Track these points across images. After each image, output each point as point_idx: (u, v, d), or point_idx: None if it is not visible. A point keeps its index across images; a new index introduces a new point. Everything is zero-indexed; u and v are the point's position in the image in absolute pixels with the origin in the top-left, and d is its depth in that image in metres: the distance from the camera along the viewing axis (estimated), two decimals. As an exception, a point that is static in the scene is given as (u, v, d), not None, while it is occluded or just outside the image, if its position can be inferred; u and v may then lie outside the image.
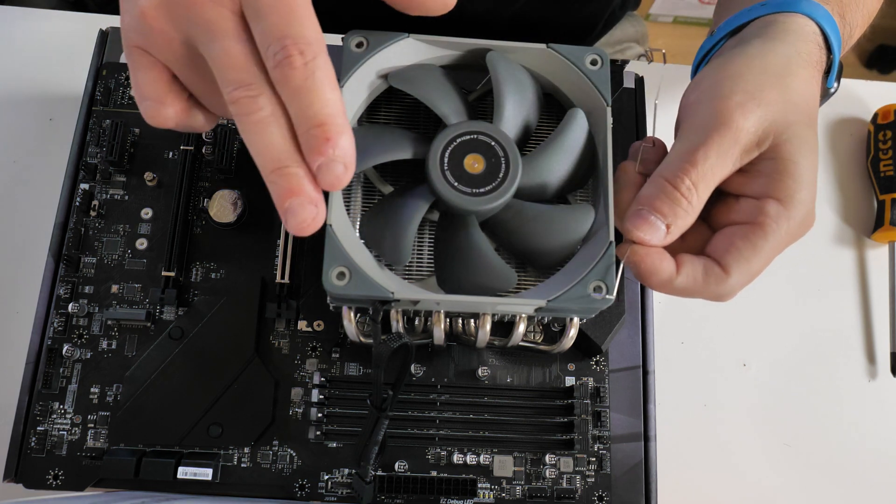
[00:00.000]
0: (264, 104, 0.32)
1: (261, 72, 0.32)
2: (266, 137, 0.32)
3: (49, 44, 0.57)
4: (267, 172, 0.32)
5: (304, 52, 0.31)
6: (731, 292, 0.38)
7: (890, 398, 0.53)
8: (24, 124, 0.55)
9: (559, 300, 0.38)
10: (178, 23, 0.33)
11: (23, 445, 0.42)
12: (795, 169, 0.37)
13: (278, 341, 0.45)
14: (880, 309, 0.55)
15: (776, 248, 0.38)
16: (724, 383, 0.53)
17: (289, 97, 0.32)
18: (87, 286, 0.45)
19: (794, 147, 0.37)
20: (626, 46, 0.80)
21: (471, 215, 0.40)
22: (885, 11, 0.54)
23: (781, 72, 0.38)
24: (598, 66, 0.42)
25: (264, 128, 0.32)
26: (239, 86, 0.32)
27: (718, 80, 0.38)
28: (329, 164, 0.32)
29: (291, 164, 0.32)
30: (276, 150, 0.32)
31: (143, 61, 0.35)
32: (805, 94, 0.39)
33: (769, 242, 0.37)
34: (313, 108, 0.31)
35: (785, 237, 0.37)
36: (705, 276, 0.37)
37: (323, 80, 0.32)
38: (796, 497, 0.51)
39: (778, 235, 0.37)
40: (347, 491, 0.43)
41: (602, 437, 0.44)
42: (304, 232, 0.32)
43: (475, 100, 0.44)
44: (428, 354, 0.45)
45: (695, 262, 0.38)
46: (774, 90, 0.38)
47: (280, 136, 0.32)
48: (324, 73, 0.32)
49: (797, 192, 0.37)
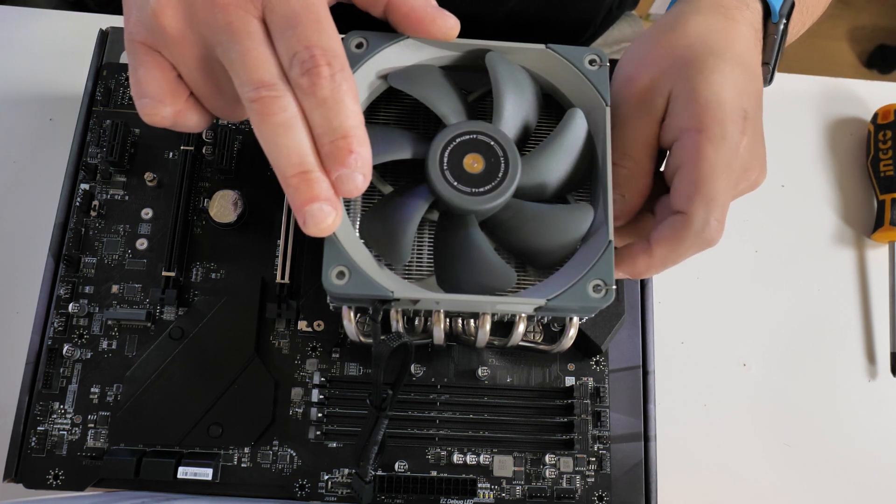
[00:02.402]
0: (287, 105, 0.32)
1: (282, 76, 0.33)
2: (288, 140, 0.32)
3: (49, 44, 0.57)
4: (287, 175, 0.33)
5: (331, 64, 0.32)
6: (707, 230, 0.37)
7: (890, 398, 0.53)
8: (24, 124, 0.55)
9: (559, 299, 0.38)
10: (197, 24, 0.34)
11: (23, 445, 0.42)
12: (696, 96, 0.38)
13: (278, 341, 0.45)
14: (880, 309, 0.55)
15: (714, 167, 0.37)
16: (724, 383, 0.53)
17: (313, 106, 0.32)
18: (88, 286, 0.45)
19: (693, 81, 0.38)
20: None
21: (470, 215, 0.40)
22: (886, 11, 0.54)
23: (671, 22, 0.41)
24: (597, 66, 0.42)
25: (287, 130, 0.32)
26: (261, 86, 0.32)
27: (627, 51, 0.43)
28: (350, 174, 0.33)
29: (313, 169, 0.32)
30: (298, 153, 0.32)
31: (147, 59, 0.35)
32: (701, 33, 0.40)
33: (703, 164, 0.37)
34: (339, 119, 0.32)
35: (717, 153, 0.37)
36: (671, 231, 0.38)
37: (348, 92, 0.33)
38: (796, 497, 0.51)
39: (706, 154, 0.37)
40: (347, 491, 0.43)
41: (602, 437, 0.44)
42: (323, 234, 0.33)
43: (475, 100, 0.44)
44: (428, 354, 0.45)
45: (659, 227, 0.38)
46: (662, 42, 0.40)
47: (302, 140, 0.32)
48: (349, 85, 0.33)
49: (706, 112, 0.37)
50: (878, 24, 1.63)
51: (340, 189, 0.33)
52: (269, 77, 0.32)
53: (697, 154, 0.37)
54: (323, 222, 0.33)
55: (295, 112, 0.32)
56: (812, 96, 0.61)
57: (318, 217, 0.33)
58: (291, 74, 0.32)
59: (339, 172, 0.33)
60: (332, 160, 0.33)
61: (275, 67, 0.33)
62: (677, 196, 0.38)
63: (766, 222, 0.57)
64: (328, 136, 0.32)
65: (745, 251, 0.56)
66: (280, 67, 0.33)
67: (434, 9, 0.37)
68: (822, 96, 0.61)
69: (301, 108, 0.33)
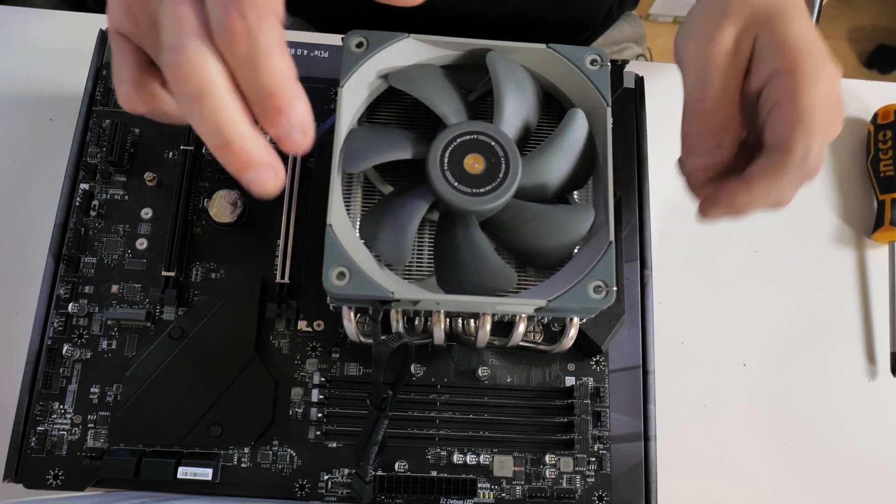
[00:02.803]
0: (198, 70, 0.29)
1: (205, 39, 0.30)
2: (202, 109, 0.30)
3: (49, 44, 0.57)
4: (212, 148, 0.31)
5: (246, 16, 0.29)
6: (809, 160, 0.37)
7: (890, 398, 0.53)
8: (24, 124, 0.55)
9: (559, 300, 0.38)
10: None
11: (23, 445, 0.42)
12: (786, 40, 0.38)
13: (278, 341, 0.45)
14: (880, 309, 0.55)
15: (813, 101, 0.37)
16: (724, 383, 0.53)
17: (235, 66, 0.30)
18: (87, 286, 0.45)
19: (780, 28, 0.38)
20: (625, 47, 0.80)
21: (471, 215, 0.40)
22: (886, 11, 0.54)
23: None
24: (599, 66, 0.42)
25: (198, 98, 0.29)
26: (171, 50, 0.29)
27: (692, 18, 0.41)
28: (286, 134, 0.30)
29: (234, 139, 0.30)
30: (215, 123, 0.30)
31: (120, 45, 0.33)
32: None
33: (802, 99, 0.37)
34: (260, 78, 0.30)
35: (815, 88, 0.37)
36: (770, 163, 0.38)
37: (268, 45, 0.29)
38: (796, 497, 0.51)
39: (804, 89, 0.37)
40: (347, 491, 0.43)
41: (602, 437, 0.44)
42: (270, 196, 0.32)
43: (475, 100, 0.44)
44: (428, 354, 0.45)
45: (756, 162, 0.38)
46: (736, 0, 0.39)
47: (220, 106, 0.30)
48: (269, 37, 0.29)
49: (799, 54, 0.37)
50: (878, 24, 1.63)
51: (283, 148, 0.31)
52: (179, 40, 0.29)
53: (796, 90, 0.37)
54: (264, 188, 0.31)
55: (209, 77, 0.29)
56: (812, 96, 0.61)
57: (258, 184, 0.31)
58: (213, 34, 0.30)
59: (275, 134, 0.31)
60: (265, 122, 0.30)
61: (194, 27, 0.30)
62: (776, 130, 0.38)
63: (766, 222, 0.57)
64: (255, 96, 0.30)
65: (745, 251, 0.56)
66: (207, 28, 0.30)
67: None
68: (822, 96, 0.61)
69: (227, 73, 0.30)
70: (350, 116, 0.41)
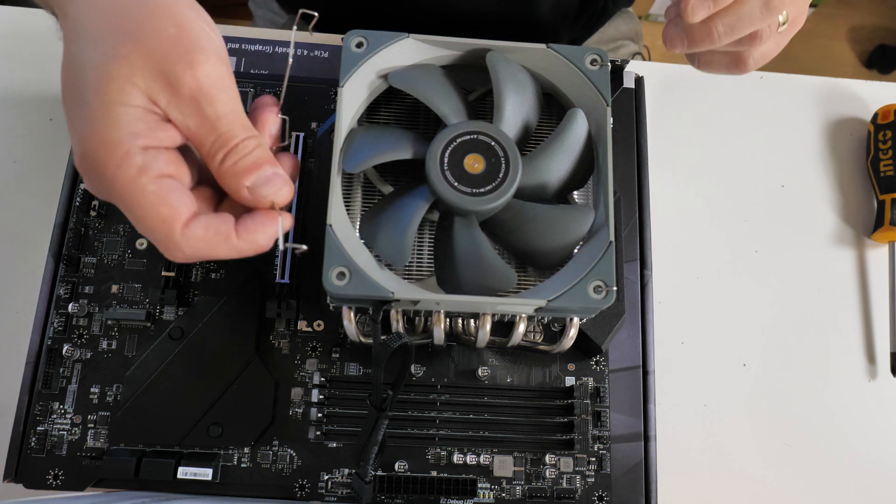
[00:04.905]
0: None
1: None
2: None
3: (49, 44, 0.57)
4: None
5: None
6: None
7: (890, 398, 0.53)
8: (24, 124, 0.55)
9: (559, 300, 0.38)
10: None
11: (23, 445, 0.42)
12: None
13: (278, 341, 0.45)
14: (880, 309, 0.55)
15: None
16: (724, 383, 0.53)
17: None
18: (87, 286, 0.45)
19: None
20: (621, 44, 0.80)
21: (471, 215, 0.40)
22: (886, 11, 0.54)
23: None
24: (598, 65, 0.42)
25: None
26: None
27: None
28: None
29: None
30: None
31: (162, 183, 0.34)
32: None
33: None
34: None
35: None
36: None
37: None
38: (796, 497, 0.51)
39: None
40: (347, 491, 0.43)
41: (602, 437, 0.44)
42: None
43: (475, 100, 0.44)
44: (428, 354, 0.45)
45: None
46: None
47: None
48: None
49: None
50: (878, 24, 1.63)
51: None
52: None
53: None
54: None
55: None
56: (812, 96, 0.61)
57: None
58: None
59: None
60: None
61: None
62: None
63: (766, 222, 0.57)
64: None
65: (745, 251, 0.56)
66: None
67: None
68: (822, 96, 0.61)
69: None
70: (350, 116, 0.41)
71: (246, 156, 0.34)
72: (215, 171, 0.35)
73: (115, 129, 0.32)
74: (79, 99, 0.33)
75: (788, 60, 0.48)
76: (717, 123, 0.59)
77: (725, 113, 0.59)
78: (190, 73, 0.32)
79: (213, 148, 0.34)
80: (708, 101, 0.59)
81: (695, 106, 0.59)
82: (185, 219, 0.33)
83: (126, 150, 0.32)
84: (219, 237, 0.34)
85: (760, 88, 0.61)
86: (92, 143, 0.32)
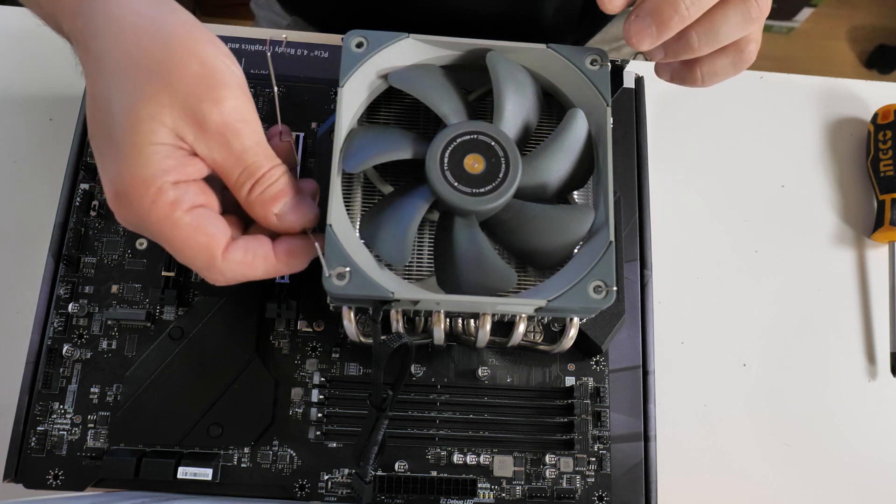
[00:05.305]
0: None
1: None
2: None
3: (49, 44, 0.57)
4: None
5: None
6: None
7: (890, 398, 0.53)
8: (24, 124, 0.55)
9: (559, 300, 0.38)
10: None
11: (23, 445, 0.42)
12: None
13: (278, 341, 0.45)
14: (880, 309, 0.55)
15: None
16: (724, 383, 0.53)
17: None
18: (87, 286, 0.45)
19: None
20: (623, 44, 0.80)
21: (471, 215, 0.40)
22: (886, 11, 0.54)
23: None
24: (598, 66, 0.42)
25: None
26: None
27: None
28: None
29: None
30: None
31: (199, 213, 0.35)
32: None
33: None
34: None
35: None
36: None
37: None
38: (796, 497, 0.51)
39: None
40: (347, 491, 0.43)
41: (602, 437, 0.44)
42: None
43: (475, 99, 0.44)
44: (428, 354, 0.45)
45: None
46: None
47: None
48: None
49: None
50: (878, 24, 1.63)
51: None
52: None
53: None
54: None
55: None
56: (812, 96, 0.61)
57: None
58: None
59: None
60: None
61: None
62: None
63: (766, 222, 0.57)
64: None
65: (745, 251, 0.56)
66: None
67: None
68: (822, 96, 0.61)
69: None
70: (350, 116, 0.41)
71: (272, 184, 0.36)
72: (243, 201, 0.36)
73: (146, 168, 0.33)
74: (108, 138, 0.34)
75: (788, 60, 0.48)
76: (718, 123, 0.59)
77: (725, 113, 0.59)
78: (216, 110, 0.34)
79: (241, 179, 0.35)
80: (708, 101, 0.59)
81: (695, 106, 0.59)
82: (223, 244, 0.35)
83: (158, 187, 0.33)
84: (258, 259, 0.36)
85: (760, 88, 0.61)
86: (125, 182, 0.33)
